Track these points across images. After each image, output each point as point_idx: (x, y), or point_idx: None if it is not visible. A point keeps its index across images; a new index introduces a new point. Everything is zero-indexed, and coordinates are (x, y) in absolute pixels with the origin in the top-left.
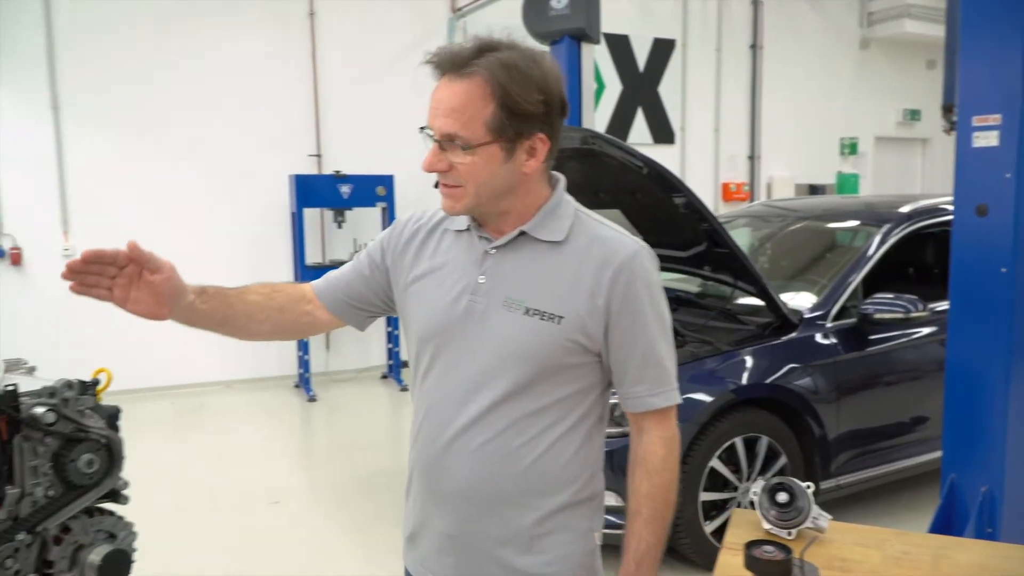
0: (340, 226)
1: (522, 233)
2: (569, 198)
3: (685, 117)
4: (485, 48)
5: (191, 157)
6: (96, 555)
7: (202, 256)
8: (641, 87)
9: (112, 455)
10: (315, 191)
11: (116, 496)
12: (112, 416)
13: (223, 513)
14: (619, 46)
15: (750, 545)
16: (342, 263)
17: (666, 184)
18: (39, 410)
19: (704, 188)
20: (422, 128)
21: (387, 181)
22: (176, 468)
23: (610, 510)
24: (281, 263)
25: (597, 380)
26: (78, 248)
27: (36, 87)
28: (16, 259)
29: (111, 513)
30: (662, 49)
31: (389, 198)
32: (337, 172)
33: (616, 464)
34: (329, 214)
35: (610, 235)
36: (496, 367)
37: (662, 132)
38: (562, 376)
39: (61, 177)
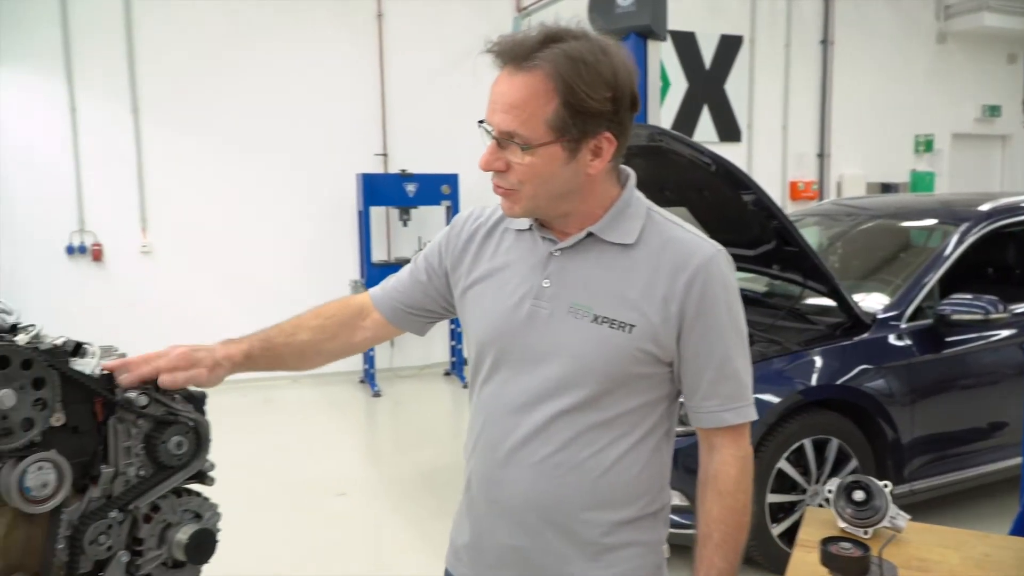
0: (405, 224)
1: (590, 234)
2: (640, 196)
3: (752, 115)
4: (551, 38)
5: (262, 157)
6: (183, 534)
7: (271, 253)
8: (707, 84)
9: (200, 438)
10: (381, 190)
11: (202, 478)
12: (199, 401)
13: (292, 503)
14: (685, 43)
15: (826, 541)
16: (407, 261)
17: (735, 181)
18: (133, 393)
19: (771, 187)
20: (480, 122)
21: (452, 180)
22: (247, 458)
23: (675, 509)
24: (347, 260)
25: (668, 391)
26: (155, 245)
27: (117, 91)
28: (97, 255)
29: (197, 494)
30: (729, 46)
31: (453, 196)
32: (403, 171)
33: (681, 463)
34: (394, 212)
35: (685, 237)
36: (561, 377)
37: (728, 130)
38: (631, 387)
39: (140, 177)
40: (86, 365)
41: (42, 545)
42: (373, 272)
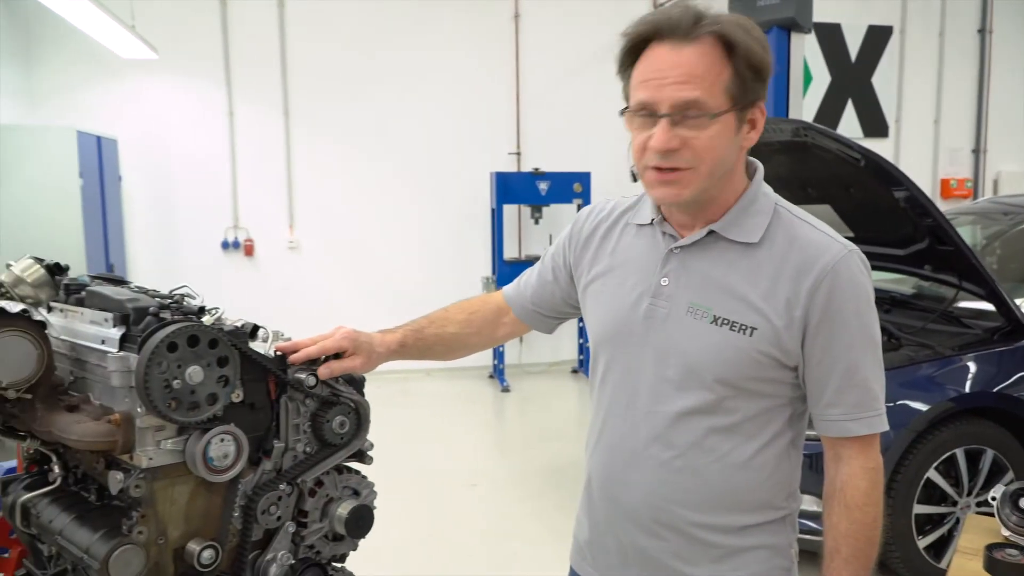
0: (537, 222)
1: (711, 232)
2: (768, 190)
3: (900, 108)
4: (700, 14)
5: (400, 157)
6: (343, 508)
7: (407, 249)
8: (852, 77)
9: (360, 418)
10: (514, 188)
11: (362, 456)
12: (360, 383)
13: (425, 491)
14: (829, 35)
15: (991, 547)
16: (537, 258)
17: (886, 177)
18: (302, 375)
19: (921, 184)
20: (623, 111)
21: (584, 178)
22: (383, 446)
23: (808, 515)
24: (479, 257)
25: (793, 396)
26: (301, 242)
27: (270, 97)
28: (249, 250)
29: (357, 472)
30: (877, 37)
31: (585, 194)
32: (536, 169)
33: (816, 465)
34: (526, 210)
35: (813, 236)
36: (679, 379)
37: (874, 125)
38: (753, 392)
39: (288, 177)
40: (262, 346)
41: (220, 513)
42: (504, 269)
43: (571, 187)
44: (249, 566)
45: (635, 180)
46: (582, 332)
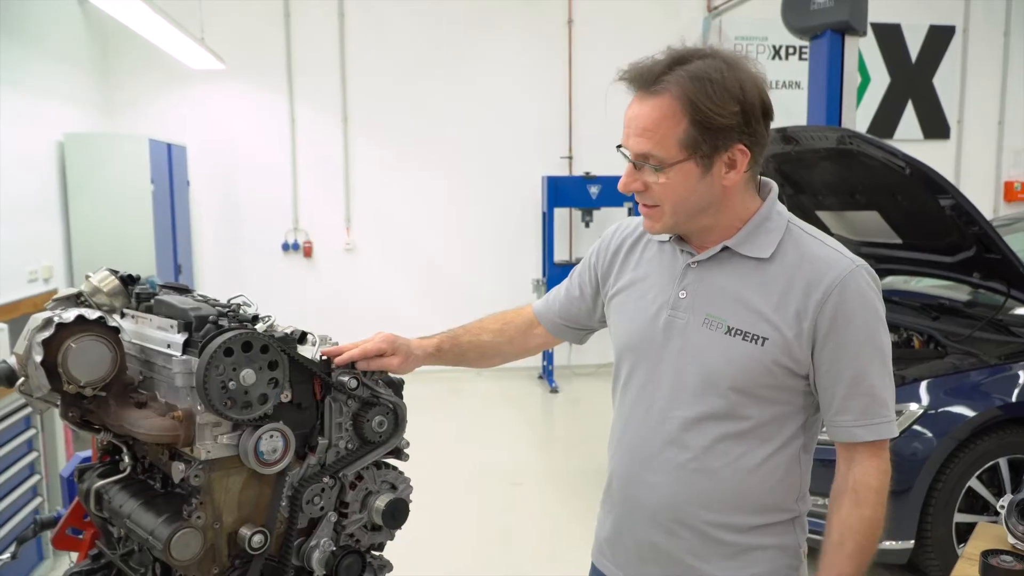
0: (587, 225)
1: (725, 248)
2: (781, 209)
3: (963, 110)
4: (677, 60)
5: (454, 161)
6: (381, 501)
7: (460, 251)
8: (913, 79)
9: (398, 418)
10: (566, 191)
11: (398, 453)
12: (398, 386)
13: (471, 487)
14: (889, 36)
15: (987, 554)
16: None
17: (931, 185)
18: (345, 377)
19: (983, 187)
20: (618, 147)
21: None
22: (433, 444)
23: (821, 515)
24: (531, 260)
25: (804, 404)
26: (357, 243)
27: (331, 103)
28: (308, 252)
29: (394, 468)
30: (939, 36)
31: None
32: (587, 173)
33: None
34: (577, 213)
35: (823, 253)
36: (696, 386)
37: (935, 126)
38: (765, 399)
39: (346, 181)
40: (309, 351)
41: (269, 502)
42: (554, 272)
43: None
44: (295, 551)
45: (636, 205)
46: None
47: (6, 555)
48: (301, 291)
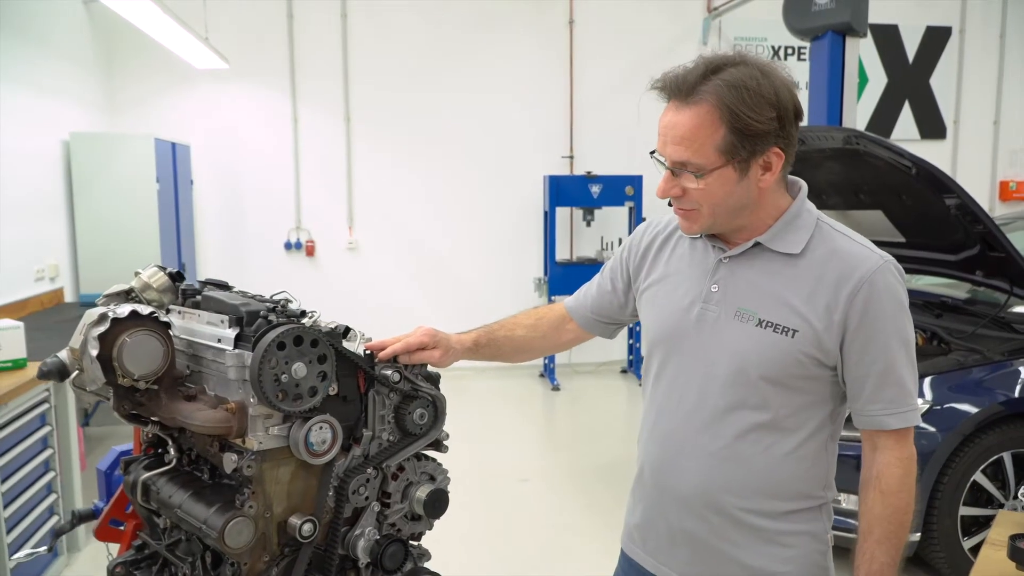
0: (589, 225)
1: (757, 244)
2: (811, 207)
3: (959, 110)
4: (711, 69)
5: (455, 160)
6: (422, 492)
7: (462, 250)
8: (910, 79)
9: (437, 411)
10: (567, 191)
11: (438, 445)
12: (436, 380)
13: (479, 484)
14: (886, 37)
15: (1016, 537)
16: (589, 260)
17: (937, 184)
18: (387, 371)
19: (979, 186)
20: (652, 153)
21: (636, 181)
22: None
23: (847, 513)
24: (532, 259)
25: (832, 394)
26: (359, 242)
27: (333, 103)
28: (310, 251)
29: (433, 459)
30: (936, 37)
31: (637, 198)
32: (588, 173)
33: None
34: (579, 213)
35: (851, 248)
36: (727, 377)
37: (931, 126)
38: (794, 389)
39: (349, 180)
40: (353, 345)
41: (316, 492)
42: (556, 271)
43: (623, 190)
44: (340, 540)
45: (671, 205)
46: (631, 333)
47: (42, 548)
48: (304, 289)
